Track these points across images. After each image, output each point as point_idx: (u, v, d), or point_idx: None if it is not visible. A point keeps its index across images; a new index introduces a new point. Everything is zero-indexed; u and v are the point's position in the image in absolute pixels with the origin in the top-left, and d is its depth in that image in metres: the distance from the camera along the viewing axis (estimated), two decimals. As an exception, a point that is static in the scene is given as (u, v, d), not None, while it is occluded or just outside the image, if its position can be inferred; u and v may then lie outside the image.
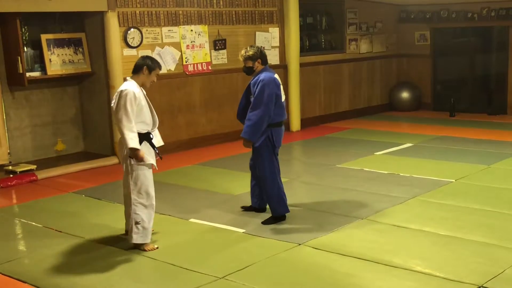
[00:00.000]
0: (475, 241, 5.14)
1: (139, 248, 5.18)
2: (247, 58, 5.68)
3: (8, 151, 8.23)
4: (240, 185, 7.10)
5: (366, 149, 8.95)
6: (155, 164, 5.32)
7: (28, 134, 8.62)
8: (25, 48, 8.18)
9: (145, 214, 5.17)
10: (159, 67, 5.40)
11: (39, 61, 8.40)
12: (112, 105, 5.24)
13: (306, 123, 11.09)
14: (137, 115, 5.09)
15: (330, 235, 5.40)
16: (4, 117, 8.17)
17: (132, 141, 5.00)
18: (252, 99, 5.64)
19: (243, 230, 5.58)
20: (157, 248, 5.21)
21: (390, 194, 6.60)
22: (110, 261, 4.99)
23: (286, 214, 5.80)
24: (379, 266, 4.68)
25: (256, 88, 5.57)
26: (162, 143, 5.53)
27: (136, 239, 5.16)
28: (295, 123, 10.85)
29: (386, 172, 7.56)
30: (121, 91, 5.10)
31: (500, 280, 4.34)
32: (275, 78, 5.65)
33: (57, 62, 8.46)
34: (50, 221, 6.10)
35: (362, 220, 5.77)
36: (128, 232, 5.27)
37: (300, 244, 5.18)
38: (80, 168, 8.29)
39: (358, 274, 4.55)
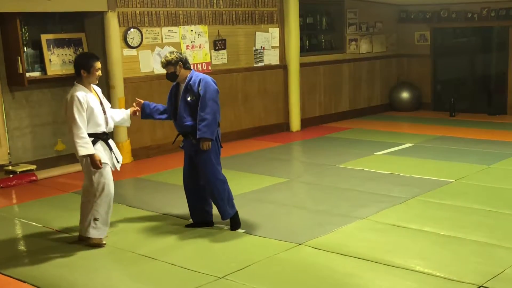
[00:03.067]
0: (475, 241, 5.14)
1: (87, 242, 5.26)
2: (167, 64, 5.48)
3: (8, 151, 8.23)
4: (240, 185, 7.09)
5: (366, 149, 8.95)
6: (111, 164, 5.33)
7: (28, 134, 8.61)
8: (25, 48, 8.18)
9: (104, 211, 5.27)
10: (95, 59, 5.22)
11: (39, 61, 8.39)
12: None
13: (306, 123, 11.08)
14: (88, 118, 5.11)
15: (330, 235, 5.40)
16: (4, 117, 8.17)
17: (83, 148, 5.03)
18: (190, 99, 5.45)
19: (243, 230, 5.58)
20: (105, 244, 5.28)
21: (390, 194, 6.60)
22: (110, 260, 5.00)
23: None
24: (379, 266, 4.68)
25: (200, 88, 5.41)
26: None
27: (93, 233, 5.26)
28: (295, 123, 10.85)
29: (386, 172, 7.56)
30: (66, 98, 5.14)
31: (500, 280, 4.34)
32: (210, 77, 5.56)
33: (57, 62, 8.46)
34: (50, 221, 6.10)
35: (362, 220, 5.77)
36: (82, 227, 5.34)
37: (300, 244, 5.18)
38: (80, 168, 8.23)
39: (358, 274, 4.55)
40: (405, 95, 12.62)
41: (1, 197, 7.19)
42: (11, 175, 7.84)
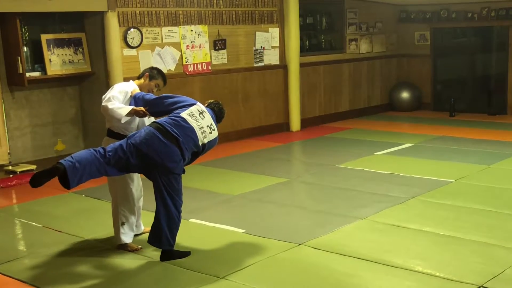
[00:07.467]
0: (475, 241, 5.14)
1: (124, 248, 5.18)
2: None
3: (8, 151, 8.23)
4: (240, 185, 7.10)
5: (366, 149, 8.94)
6: None
7: (28, 134, 8.61)
8: (25, 48, 8.18)
9: (130, 215, 5.21)
10: (163, 79, 5.41)
11: (39, 61, 8.39)
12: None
13: (306, 123, 11.08)
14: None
15: (330, 235, 5.40)
16: (4, 117, 8.17)
17: (121, 110, 4.94)
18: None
19: (243, 230, 5.58)
20: (141, 248, 5.20)
21: (390, 194, 6.60)
22: (110, 261, 4.99)
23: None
24: (379, 266, 4.68)
25: None
26: None
27: (123, 239, 5.18)
28: (295, 123, 10.85)
29: (386, 172, 7.56)
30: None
31: (500, 280, 4.35)
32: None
33: (57, 62, 8.46)
34: (50, 221, 6.10)
35: (362, 220, 5.77)
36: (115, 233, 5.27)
37: (300, 244, 5.18)
38: (80, 168, 8.26)
39: (358, 274, 4.55)
40: (405, 95, 12.61)
41: (1, 197, 7.19)
42: (11, 175, 7.84)
